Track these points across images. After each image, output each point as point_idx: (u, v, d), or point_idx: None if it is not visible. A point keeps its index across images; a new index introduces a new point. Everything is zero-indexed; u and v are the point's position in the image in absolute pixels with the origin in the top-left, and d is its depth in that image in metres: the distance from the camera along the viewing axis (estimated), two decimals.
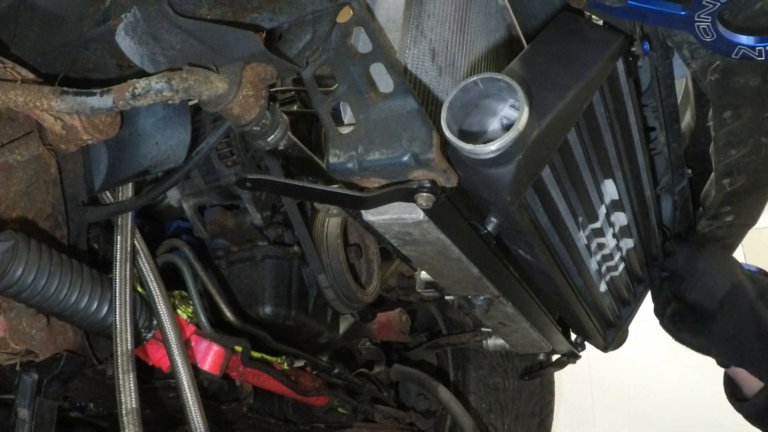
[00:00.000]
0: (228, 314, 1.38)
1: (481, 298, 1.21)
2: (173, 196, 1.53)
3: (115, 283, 1.14)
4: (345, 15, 0.91)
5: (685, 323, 1.43)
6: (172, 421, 1.71)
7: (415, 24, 0.91)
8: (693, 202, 1.51)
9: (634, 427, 3.82)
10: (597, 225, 1.29)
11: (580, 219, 1.22)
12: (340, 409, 1.95)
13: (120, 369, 1.10)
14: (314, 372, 1.78)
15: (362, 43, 0.90)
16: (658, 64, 1.15)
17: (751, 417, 1.34)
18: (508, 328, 1.39)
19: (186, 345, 1.26)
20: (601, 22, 1.07)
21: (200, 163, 1.17)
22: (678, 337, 1.46)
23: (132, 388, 1.09)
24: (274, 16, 0.93)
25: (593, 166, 1.17)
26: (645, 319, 1.88)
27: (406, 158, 0.83)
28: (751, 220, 1.46)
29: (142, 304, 1.21)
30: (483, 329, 1.76)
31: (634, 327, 1.74)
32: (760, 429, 1.34)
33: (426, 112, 0.84)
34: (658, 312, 1.50)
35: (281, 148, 1.06)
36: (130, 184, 1.23)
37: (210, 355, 1.32)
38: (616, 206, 1.33)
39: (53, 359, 1.12)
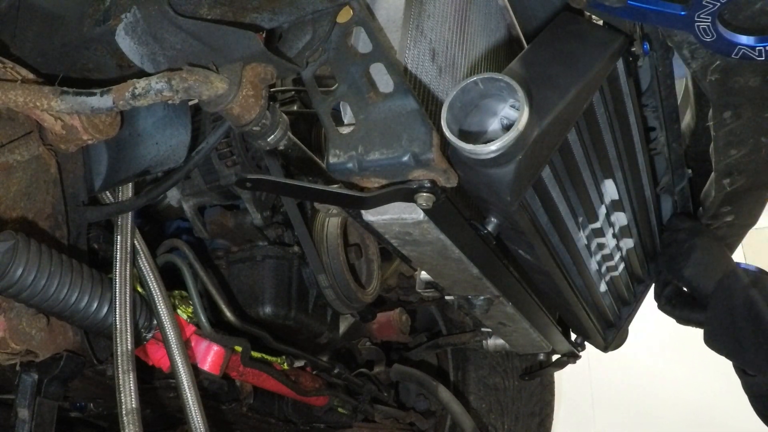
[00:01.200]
0: (228, 314, 1.38)
1: (481, 298, 1.21)
2: (173, 196, 1.53)
3: (115, 283, 1.14)
4: (345, 15, 0.91)
5: (682, 302, 1.46)
6: (172, 421, 1.71)
7: (415, 24, 0.91)
8: (693, 202, 1.51)
9: (634, 427, 3.82)
10: (597, 225, 1.29)
11: (580, 219, 1.22)
12: (340, 409, 1.95)
13: (120, 369, 1.10)
14: (314, 372, 1.78)
15: (362, 43, 0.90)
16: (658, 64, 1.15)
17: (755, 395, 1.35)
18: (508, 328, 1.39)
19: (186, 345, 1.26)
20: (601, 22, 1.07)
21: (200, 163, 1.17)
22: (676, 316, 1.48)
23: (132, 388, 1.09)
24: (274, 16, 0.93)
25: (593, 166, 1.17)
26: (645, 319, 1.88)
27: (406, 158, 0.83)
28: (751, 220, 1.46)
29: (142, 304, 1.21)
30: (483, 329, 1.76)
31: (634, 327, 1.74)
32: (759, 409, 1.35)
33: (426, 112, 0.84)
34: (657, 294, 1.52)
35: (281, 148, 1.06)
36: (130, 184, 1.23)
37: (210, 355, 1.32)
38: (616, 206, 1.33)
39: (53, 359, 1.12)
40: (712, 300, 1.33)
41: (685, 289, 1.44)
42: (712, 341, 1.36)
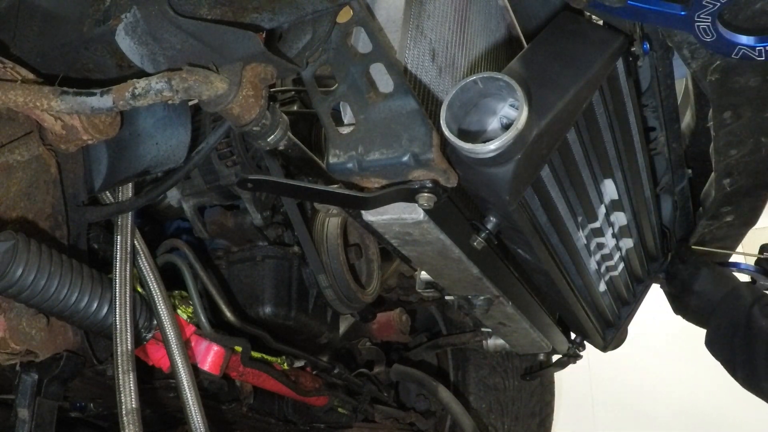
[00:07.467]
0: (228, 314, 1.38)
1: (481, 298, 1.21)
2: (173, 196, 1.53)
3: (115, 283, 1.14)
4: (345, 15, 0.91)
5: (692, 316, 1.56)
6: (172, 421, 1.71)
7: (415, 24, 0.91)
8: (693, 202, 1.51)
9: (635, 426, 3.82)
10: (596, 225, 1.29)
11: (580, 219, 1.22)
12: (340, 409, 1.95)
13: (120, 369, 1.10)
14: (314, 372, 1.78)
15: (362, 43, 0.90)
16: (658, 64, 1.15)
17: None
18: (508, 328, 1.39)
19: (186, 345, 1.26)
20: (601, 22, 1.06)
21: (200, 163, 1.17)
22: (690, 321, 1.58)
23: (132, 388, 1.09)
24: (274, 16, 0.93)
25: (593, 165, 1.17)
26: (645, 319, 1.88)
27: (406, 158, 0.83)
28: (751, 220, 1.46)
29: (142, 304, 1.21)
30: (483, 329, 1.76)
31: (634, 327, 1.74)
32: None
33: (426, 112, 0.84)
34: (670, 301, 1.62)
35: (281, 148, 1.06)
36: (130, 184, 1.23)
37: (210, 355, 1.32)
38: (615, 206, 1.33)
39: (53, 359, 1.12)
40: (718, 308, 1.44)
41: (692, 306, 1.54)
42: (711, 345, 1.47)
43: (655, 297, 1.71)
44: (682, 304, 1.55)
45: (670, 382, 3.81)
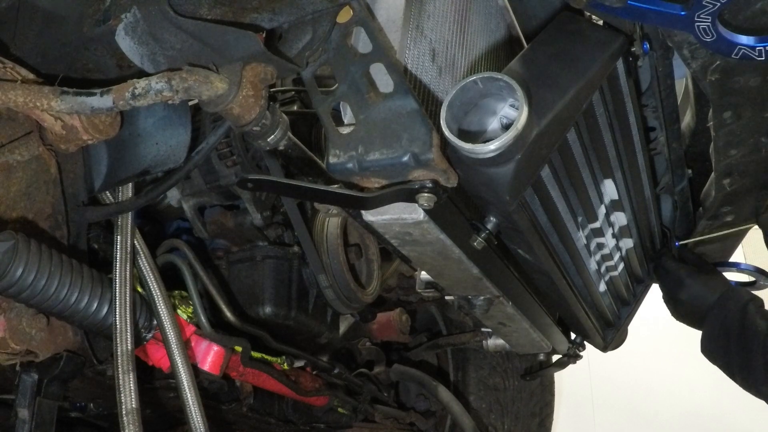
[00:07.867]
0: (228, 314, 1.38)
1: (481, 298, 1.21)
2: (173, 196, 1.53)
3: (115, 283, 1.14)
4: (345, 15, 0.91)
5: (685, 319, 1.52)
6: (172, 421, 1.71)
7: (415, 24, 0.91)
8: (693, 202, 1.51)
9: (635, 427, 3.82)
10: (596, 225, 1.29)
11: (580, 219, 1.22)
12: (340, 409, 1.95)
13: (120, 369, 1.10)
14: (314, 372, 1.78)
15: (362, 43, 0.90)
16: (658, 64, 1.15)
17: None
18: (508, 328, 1.39)
19: (186, 345, 1.26)
20: (601, 22, 1.06)
21: (200, 163, 1.17)
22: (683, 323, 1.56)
23: (132, 388, 1.09)
24: (274, 16, 0.93)
25: (593, 166, 1.17)
26: (645, 319, 1.88)
27: (406, 158, 0.83)
28: (752, 220, 1.46)
29: (142, 304, 1.21)
30: (483, 329, 1.76)
31: (633, 327, 1.74)
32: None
33: (426, 112, 0.84)
34: (665, 300, 1.59)
35: (281, 148, 1.06)
36: (130, 184, 1.23)
37: (210, 355, 1.32)
38: (615, 206, 1.33)
39: (53, 359, 1.12)
40: (711, 312, 1.40)
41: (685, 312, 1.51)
42: (707, 351, 1.44)
43: (655, 297, 1.71)
44: (674, 303, 1.52)
45: (670, 382, 3.81)
